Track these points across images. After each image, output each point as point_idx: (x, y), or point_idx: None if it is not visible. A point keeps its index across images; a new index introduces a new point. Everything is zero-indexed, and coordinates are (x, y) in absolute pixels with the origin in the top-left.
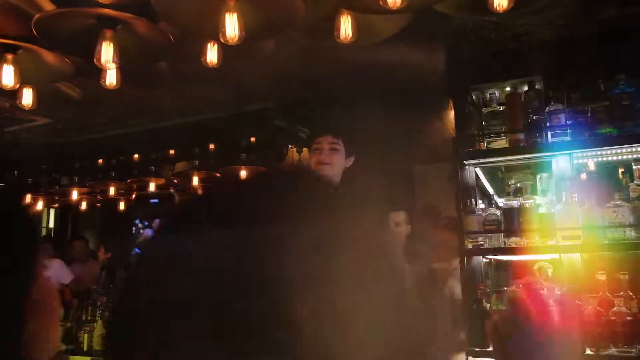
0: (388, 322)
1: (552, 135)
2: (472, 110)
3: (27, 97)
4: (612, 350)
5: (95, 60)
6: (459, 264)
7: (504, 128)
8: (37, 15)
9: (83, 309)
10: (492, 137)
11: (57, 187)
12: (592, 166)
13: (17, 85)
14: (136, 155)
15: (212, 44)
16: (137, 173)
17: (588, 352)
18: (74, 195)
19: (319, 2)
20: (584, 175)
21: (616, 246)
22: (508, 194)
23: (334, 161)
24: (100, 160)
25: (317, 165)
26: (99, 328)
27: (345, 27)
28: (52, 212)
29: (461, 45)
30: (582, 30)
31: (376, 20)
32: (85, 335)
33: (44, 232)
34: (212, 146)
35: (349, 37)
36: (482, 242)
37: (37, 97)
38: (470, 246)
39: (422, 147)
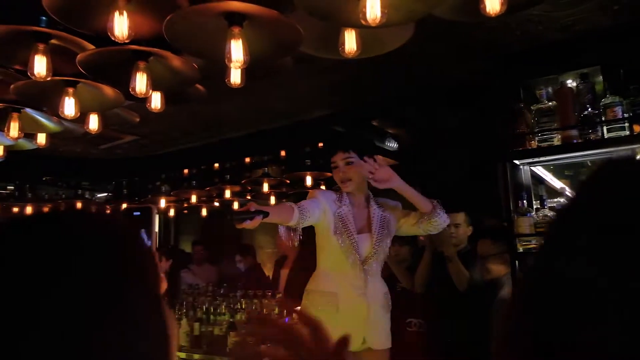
0: None
1: (608, 131)
2: (522, 107)
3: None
4: None
5: (130, 89)
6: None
7: (555, 125)
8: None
9: (172, 308)
10: (543, 134)
11: (149, 196)
12: None
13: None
14: (216, 165)
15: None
16: (218, 181)
17: None
18: (162, 203)
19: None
20: None
21: None
22: (561, 194)
23: (352, 175)
24: (186, 171)
25: (340, 183)
26: (183, 326)
27: (349, 41)
28: (156, 217)
29: (507, 42)
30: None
31: (382, 31)
32: None
33: None
34: (283, 153)
35: (354, 52)
36: (535, 245)
37: (102, 121)
38: (521, 249)
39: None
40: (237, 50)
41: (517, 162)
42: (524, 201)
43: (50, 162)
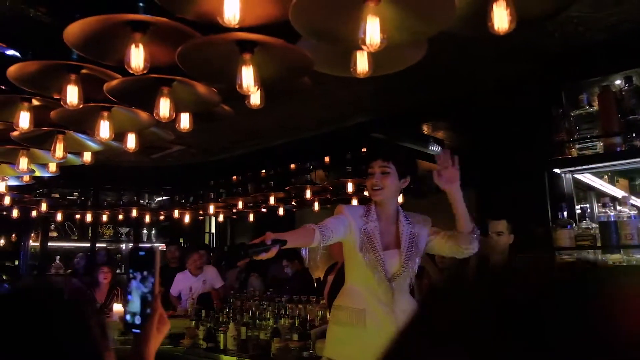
0: None
1: None
2: (560, 113)
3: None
4: None
5: (155, 115)
6: None
7: (597, 131)
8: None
9: (221, 311)
10: (584, 142)
11: (200, 202)
12: None
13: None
14: (262, 172)
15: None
16: (264, 188)
17: None
18: (211, 209)
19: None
20: None
21: None
22: (604, 205)
23: (386, 184)
24: (234, 177)
25: (371, 190)
26: (231, 329)
27: (361, 62)
28: (212, 219)
29: (546, 44)
30: None
31: (396, 50)
32: (222, 335)
33: (207, 238)
34: (327, 159)
35: (365, 72)
36: (575, 259)
37: (140, 139)
38: None
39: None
40: (247, 77)
41: (557, 170)
42: (564, 212)
43: (111, 171)
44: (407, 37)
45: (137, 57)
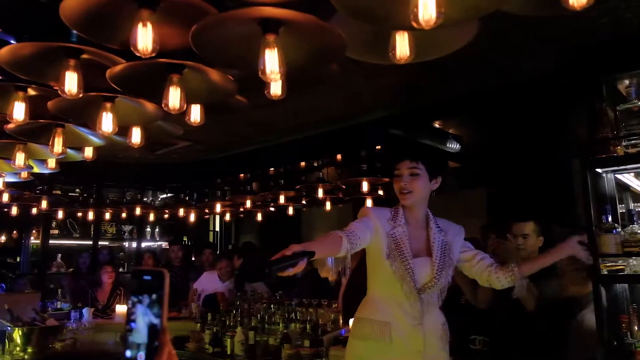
0: None
1: None
2: (605, 107)
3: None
4: None
5: (163, 105)
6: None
7: None
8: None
9: (227, 315)
10: (631, 139)
11: (205, 200)
12: None
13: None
14: (271, 169)
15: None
16: (273, 186)
17: None
18: (218, 208)
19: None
20: None
21: None
22: None
23: (415, 187)
24: (242, 175)
25: (399, 194)
26: (239, 334)
27: (401, 46)
28: (217, 217)
29: (588, 31)
30: None
31: (440, 33)
32: (229, 340)
33: (211, 236)
34: (339, 157)
35: (406, 57)
36: (621, 267)
37: (145, 134)
38: (605, 271)
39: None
40: (272, 61)
41: (599, 169)
42: (609, 215)
43: (113, 167)
44: (461, 14)
45: (144, 38)
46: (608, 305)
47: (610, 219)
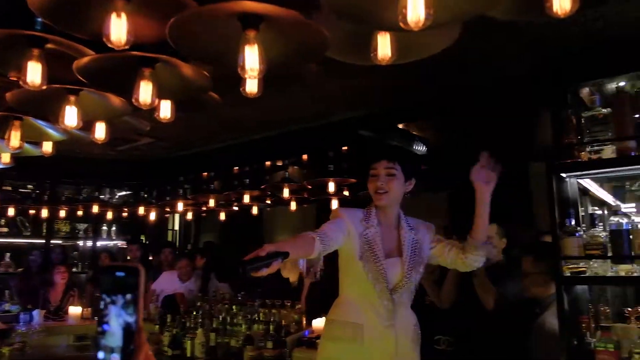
0: None
1: None
2: (570, 114)
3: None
4: None
5: (134, 100)
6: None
7: (610, 134)
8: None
9: (188, 316)
10: (595, 145)
11: (167, 198)
12: None
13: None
14: (235, 168)
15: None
16: (237, 185)
17: None
18: (180, 206)
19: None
20: None
21: None
22: (616, 212)
23: (391, 188)
24: (205, 174)
25: (374, 194)
26: (199, 336)
27: (383, 46)
28: (176, 216)
29: (557, 39)
30: None
31: (424, 34)
32: (189, 342)
33: (170, 235)
34: (304, 157)
35: (388, 58)
36: (583, 269)
37: (110, 130)
38: (568, 273)
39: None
40: (252, 58)
41: (563, 174)
42: (572, 219)
43: (70, 163)
44: (450, 16)
45: (118, 29)
46: (569, 306)
47: (573, 222)
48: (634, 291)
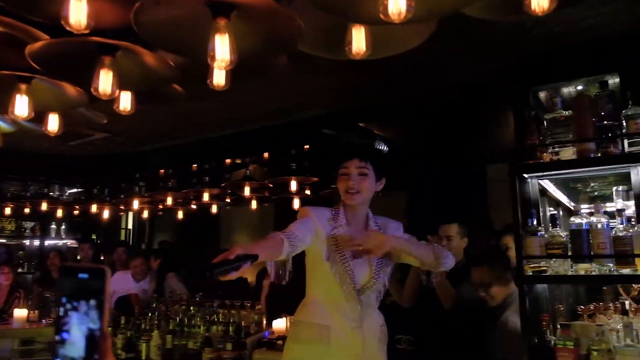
0: None
1: (629, 144)
2: (533, 116)
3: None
4: None
5: (93, 90)
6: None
7: (570, 136)
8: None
9: (143, 318)
10: (556, 147)
11: (122, 196)
12: None
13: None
14: (194, 165)
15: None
16: (196, 183)
17: None
18: (135, 204)
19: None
20: None
21: None
22: (576, 213)
23: (363, 187)
24: (162, 171)
25: (345, 193)
26: (155, 338)
27: (358, 40)
28: (130, 214)
29: (520, 43)
30: None
31: (397, 29)
32: (144, 344)
33: (123, 234)
34: (266, 155)
35: (362, 52)
36: (544, 268)
37: (63, 122)
38: (530, 272)
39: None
40: (222, 48)
41: (525, 175)
42: (534, 219)
43: (16, 157)
44: (428, 11)
45: (78, 11)
46: (530, 305)
47: (535, 222)
48: (585, 290)
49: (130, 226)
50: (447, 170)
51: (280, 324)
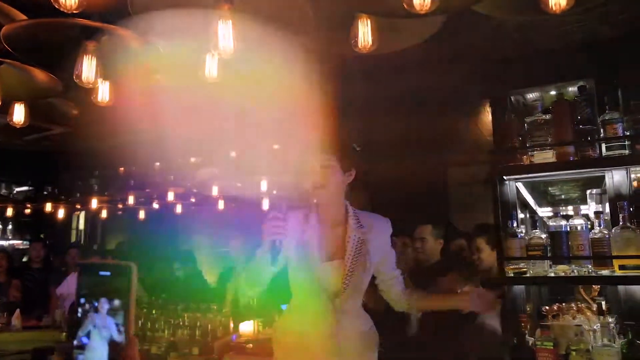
0: None
1: (607, 149)
2: (513, 118)
3: (19, 114)
4: None
5: (75, 77)
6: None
7: (549, 139)
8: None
9: None
10: (536, 150)
11: (78, 194)
12: None
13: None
14: (157, 164)
15: (210, 55)
16: (158, 182)
17: None
18: (94, 204)
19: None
20: None
21: None
22: (556, 215)
23: (328, 182)
24: (122, 169)
25: (312, 189)
26: None
27: (364, 33)
28: (82, 214)
29: (502, 45)
30: None
31: (403, 24)
32: None
33: (74, 235)
34: (233, 154)
35: (369, 46)
36: (524, 269)
37: (30, 112)
38: (511, 273)
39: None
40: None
41: (505, 177)
42: (514, 221)
43: None
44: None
45: None
46: (510, 305)
47: (515, 224)
48: (548, 290)
49: (82, 227)
50: (412, 173)
51: (247, 327)
